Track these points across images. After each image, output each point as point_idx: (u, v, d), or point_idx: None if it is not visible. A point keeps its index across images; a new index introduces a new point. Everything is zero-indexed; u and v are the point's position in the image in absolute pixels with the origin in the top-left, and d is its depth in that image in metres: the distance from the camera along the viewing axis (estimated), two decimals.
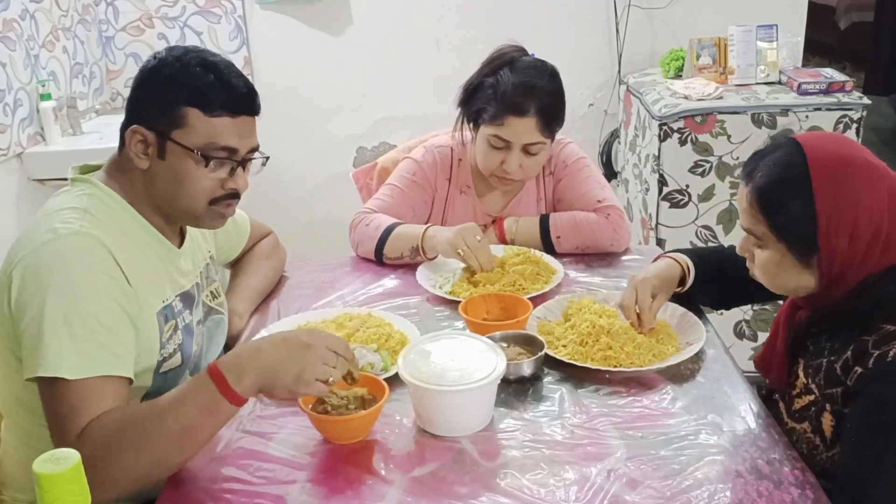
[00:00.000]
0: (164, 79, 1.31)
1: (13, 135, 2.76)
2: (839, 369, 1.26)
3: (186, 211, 1.38)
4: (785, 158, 1.29)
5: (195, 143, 1.31)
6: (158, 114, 1.31)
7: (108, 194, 1.35)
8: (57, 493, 0.87)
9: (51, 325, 1.18)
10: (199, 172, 1.33)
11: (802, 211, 1.25)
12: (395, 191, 2.04)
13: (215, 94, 1.31)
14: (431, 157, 2.06)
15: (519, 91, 1.86)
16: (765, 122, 2.74)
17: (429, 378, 1.27)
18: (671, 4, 3.33)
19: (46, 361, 1.17)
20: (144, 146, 1.33)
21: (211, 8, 3.38)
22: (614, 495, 1.14)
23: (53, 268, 1.22)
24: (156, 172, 1.34)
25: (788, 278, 1.33)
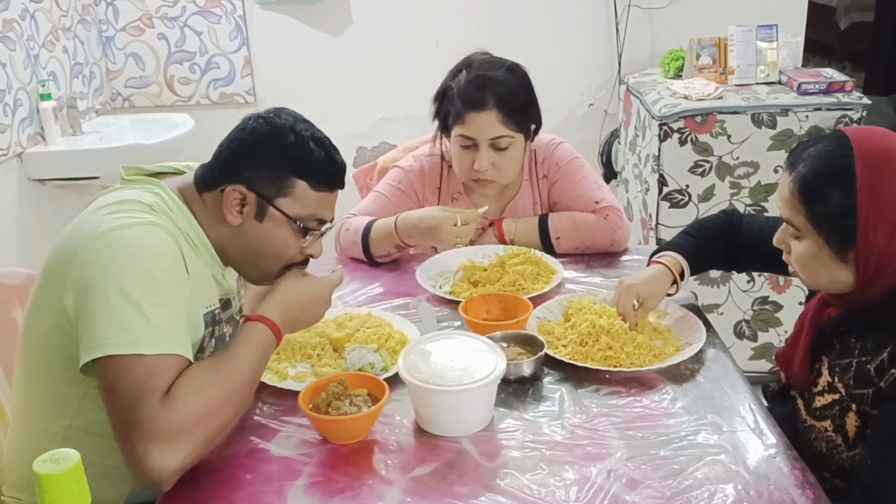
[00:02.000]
0: (278, 147, 1.34)
1: (13, 135, 2.76)
2: (873, 370, 1.24)
3: (262, 269, 1.41)
4: (830, 149, 1.27)
5: (297, 214, 1.36)
6: (265, 179, 1.33)
7: (174, 200, 1.35)
8: (57, 493, 0.87)
9: (123, 305, 1.18)
10: (293, 240, 1.38)
11: (843, 203, 1.24)
12: (380, 197, 2.04)
13: (323, 171, 1.36)
14: (419, 165, 2.06)
15: (473, 86, 1.87)
16: (765, 122, 2.74)
17: (429, 378, 1.27)
18: (671, 4, 3.33)
19: (121, 340, 1.17)
20: (241, 205, 1.34)
21: (211, 8, 3.38)
22: (614, 495, 1.14)
23: (124, 252, 1.22)
24: (247, 231, 1.36)
25: (824, 272, 1.31)
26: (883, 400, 1.23)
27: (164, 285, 1.23)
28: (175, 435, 1.14)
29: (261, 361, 1.29)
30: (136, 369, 1.16)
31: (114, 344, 1.17)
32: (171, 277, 1.25)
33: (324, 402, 1.30)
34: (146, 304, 1.19)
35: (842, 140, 1.27)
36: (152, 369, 1.17)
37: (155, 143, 2.88)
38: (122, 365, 1.17)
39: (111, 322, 1.18)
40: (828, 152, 1.27)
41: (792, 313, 2.82)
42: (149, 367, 1.16)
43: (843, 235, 1.25)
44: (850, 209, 1.23)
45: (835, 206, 1.24)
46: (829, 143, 1.28)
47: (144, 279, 1.21)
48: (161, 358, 1.18)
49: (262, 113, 1.38)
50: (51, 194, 2.95)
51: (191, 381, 1.19)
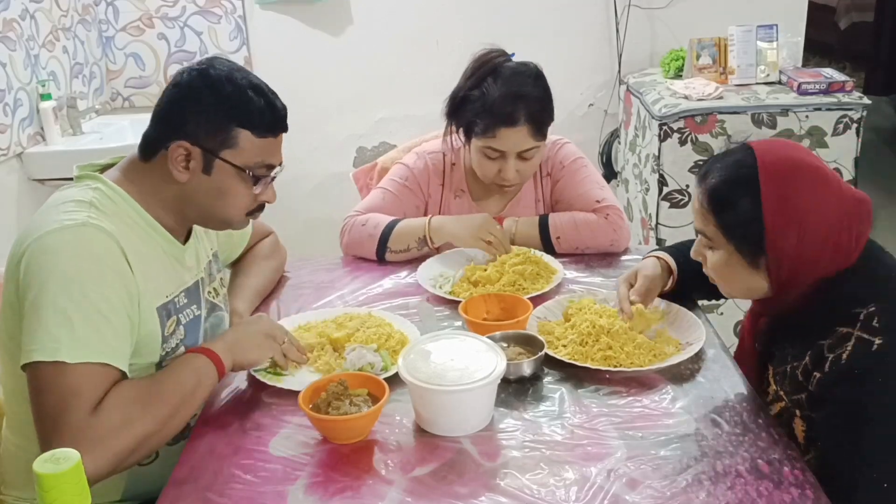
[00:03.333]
0: (216, 99, 1.33)
1: (13, 135, 2.76)
2: (801, 375, 1.29)
3: (223, 220, 1.43)
4: (736, 160, 1.32)
5: (245, 163, 1.36)
6: (208, 132, 1.34)
7: (114, 190, 1.35)
8: (57, 493, 0.87)
9: (51, 311, 1.19)
10: (244, 189, 1.39)
11: (749, 211, 1.28)
12: (387, 194, 2.04)
13: (265, 118, 1.36)
14: (423, 163, 2.06)
15: (507, 101, 1.85)
16: (765, 122, 2.74)
17: (429, 378, 1.27)
18: (671, 4, 3.33)
19: (44, 345, 1.18)
20: (186, 160, 1.34)
21: (211, 8, 3.38)
22: (614, 495, 1.14)
23: (57, 255, 1.23)
24: (195, 186, 1.36)
25: (739, 280, 1.36)
26: (816, 403, 1.27)
27: (91, 290, 1.22)
28: (100, 445, 1.15)
29: (194, 388, 1.29)
30: (62, 378, 1.17)
31: (38, 350, 1.18)
32: (100, 283, 1.24)
33: (324, 402, 1.30)
34: (72, 311, 1.20)
35: (747, 152, 1.32)
36: (78, 379, 1.17)
37: None
38: (48, 372, 1.17)
39: (37, 328, 1.19)
40: (734, 163, 1.32)
41: None
42: (74, 377, 1.17)
43: (752, 242, 1.30)
44: (756, 216, 1.28)
45: (742, 214, 1.29)
46: (736, 155, 1.33)
47: (71, 286, 1.21)
48: (85, 367, 1.18)
49: (195, 65, 1.37)
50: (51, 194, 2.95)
51: (119, 396, 1.20)
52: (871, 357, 1.22)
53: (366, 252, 1.97)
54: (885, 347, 1.22)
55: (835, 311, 1.28)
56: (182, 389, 1.27)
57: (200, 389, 1.31)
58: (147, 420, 1.21)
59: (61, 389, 1.16)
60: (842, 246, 1.28)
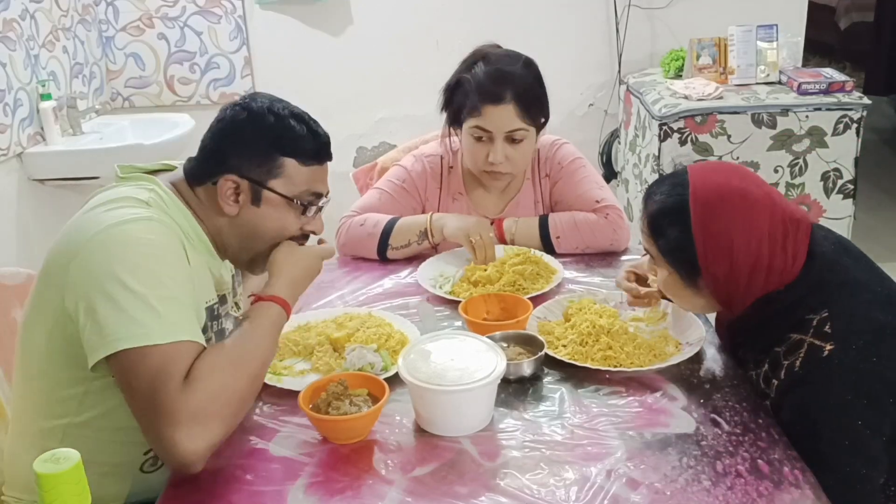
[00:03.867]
0: (259, 130, 1.35)
1: (13, 135, 2.76)
2: (762, 382, 1.32)
3: (260, 253, 1.42)
4: (670, 187, 1.37)
5: (292, 192, 1.37)
6: (254, 164, 1.35)
7: (169, 196, 1.36)
8: (57, 492, 0.87)
9: (131, 299, 1.18)
10: (293, 218, 1.40)
11: (679, 239, 1.34)
12: (383, 195, 2.04)
13: (309, 145, 1.38)
14: (420, 165, 2.06)
15: (492, 79, 1.88)
16: (765, 122, 2.74)
17: (429, 378, 1.27)
18: (671, 4, 3.33)
19: (130, 333, 1.17)
20: (236, 193, 1.35)
21: (211, 8, 3.38)
22: (614, 495, 1.14)
23: (124, 246, 1.22)
24: (246, 218, 1.37)
25: (684, 297, 1.41)
26: (777, 410, 1.30)
27: (165, 277, 1.23)
28: (199, 417, 1.15)
29: (275, 338, 1.32)
30: (151, 359, 1.16)
31: (124, 339, 1.17)
32: (172, 269, 1.25)
33: (324, 402, 1.30)
34: (151, 296, 1.19)
35: (681, 178, 1.36)
36: (166, 357, 1.17)
37: (155, 143, 2.88)
38: (135, 357, 1.17)
39: (118, 317, 1.18)
40: (668, 190, 1.37)
41: None
42: (163, 356, 1.17)
43: (687, 265, 1.35)
44: (687, 244, 1.33)
45: (675, 241, 1.35)
46: (672, 180, 1.38)
47: (145, 272, 1.21)
48: (174, 346, 1.18)
49: (238, 100, 1.39)
50: (51, 194, 2.96)
51: (209, 364, 1.20)
52: (820, 362, 1.25)
53: (365, 251, 1.97)
54: (834, 352, 1.25)
55: (788, 319, 1.31)
56: (264, 342, 1.29)
57: (278, 336, 1.34)
58: (240, 379, 1.21)
59: (152, 371, 1.16)
60: (776, 267, 1.31)
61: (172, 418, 1.13)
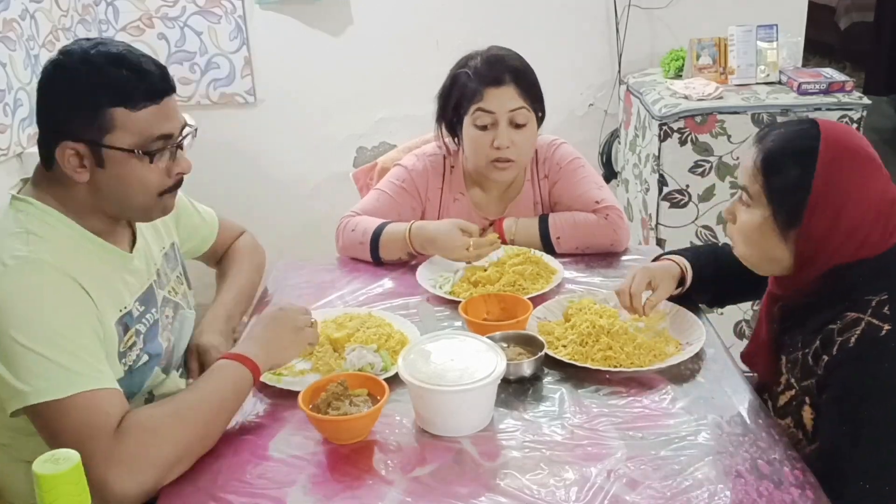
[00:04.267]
0: (78, 86, 1.24)
1: (13, 135, 2.76)
2: (811, 359, 1.29)
3: (139, 208, 1.35)
4: (799, 131, 1.33)
5: (132, 143, 1.26)
6: (83, 124, 1.25)
7: (46, 212, 1.29)
8: (57, 493, 0.87)
9: (25, 355, 1.16)
10: (145, 169, 1.29)
11: (799, 180, 1.29)
12: (383, 196, 2.03)
13: (134, 88, 1.25)
14: (422, 164, 2.06)
15: (489, 64, 1.92)
16: (765, 122, 2.73)
17: (429, 378, 1.27)
18: (671, 4, 3.33)
19: (35, 388, 1.15)
20: (79, 160, 1.26)
21: (211, 8, 3.38)
22: (614, 495, 1.14)
23: (11, 300, 1.19)
24: (98, 182, 1.29)
25: (763, 246, 1.36)
26: (823, 387, 1.27)
27: (56, 323, 1.20)
28: (132, 462, 1.14)
29: (229, 394, 1.28)
30: (70, 413, 1.15)
31: (31, 393, 1.16)
32: (62, 311, 1.21)
33: (324, 402, 1.30)
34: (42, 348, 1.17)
35: (812, 125, 1.33)
36: (86, 409, 1.16)
37: None
38: (53, 412, 1.16)
39: (18, 373, 1.16)
40: (796, 132, 1.33)
41: None
42: (81, 409, 1.15)
43: (791, 212, 1.31)
44: (804, 187, 1.29)
45: (791, 181, 1.30)
46: (800, 125, 1.35)
47: (34, 326, 1.18)
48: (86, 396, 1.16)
49: (54, 56, 1.28)
50: None
51: (147, 412, 1.19)
52: (877, 342, 1.23)
53: (361, 256, 1.97)
54: (891, 333, 1.23)
55: (847, 297, 1.28)
56: (218, 398, 1.25)
57: (237, 396, 1.29)
58: (182, 431, 1.19)
59: (76, 424, 1.15)
60: (869, 240, 1.29)
61: (105, 463, 1.13)
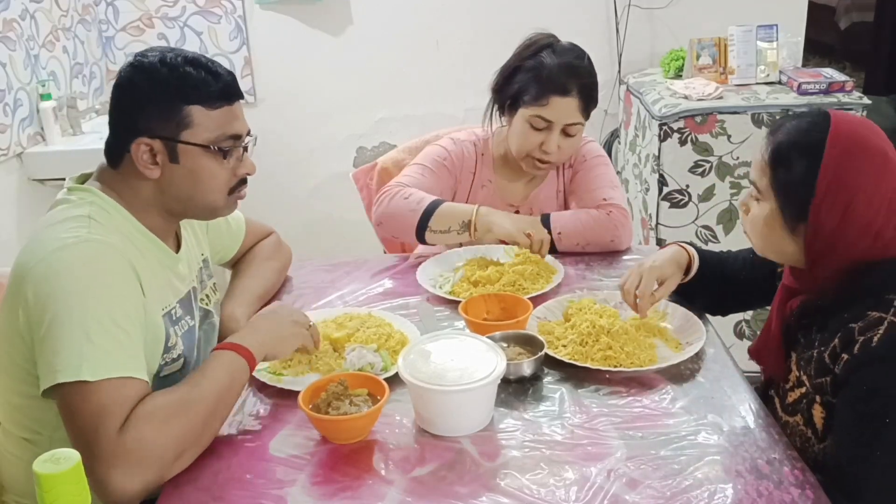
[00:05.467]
0: (157, 85, 1.31)
1: (13, 135, 2.76)
2: (827, 358, 1.27)
3: (207, 206, 1.40)
4: (809, 123, 1.32)
5: (207, 139, 1.33)
6: (160, 121, 1.31)
7: (106, 202, 1.34)
8: (57, 493, 0.87)
9: (67, 331, 1.18)
10: (217, 165, 1.36)
11: (804, 174, 1.28)
12: (426, 171, 2.05)
13: (211, 88, 1.33)
14: (459, 149, 2.09)
15: (563, 71, 1.91)
16: (765, 122, 2.73)
17: (429, 378, 1.27)
18: (671, 4, 3.33)
19: (66, 366, 1.16)
20: (152, 156, 1.33)
21: (211, 8, 3.38)
22: (614, 495, 1.14)
23: (65, 275, 1.21)
24: (170, 177, 1.35)
25: (774, 239, 1.36)
26: (839, 386, 1.25)
27: (104, 304, 1.21)
28: (134, 459, 1.14)
29: (228, 385, 1.27)
30: (89, 397, 1.16)
31: (61, 371, 1.16)
32: (113, 293, 1.23)
33: (324, 402, 1.30)
34: (87, 327, 1.18)
35: (823, 118, 1.31)
36: (105, 396, 1.16)
37: None
38: (74, 393, 1.16)
39: (59, 350, 1.17)
40: (806, 125, 1.32)
41: None
42: (101, 394, 1.16)
43: (797, 206, 1.30)
44: (810, 181, 1.27)
45: (796, 175, 1.29)
46: (811, 118, 1.33)
47: (86, 302, 1.20)
48: (111, 383, 1.17)
49: (130, 60, 1.35)
50: (51, 194, 2.93)
51: (151, 407, 1.18)
52: None
53: (403, 227, 1.95)
54: None
55: (869, 296, 1.27)
56: (217, 389, 1.25)
57: (235, 387, 1.29)
58: (184, 425, 1.19)
59: (89, 410, 1.15)
60: (883, 236, 1.27)
61: (108, 460, 1.13)
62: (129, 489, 1.13)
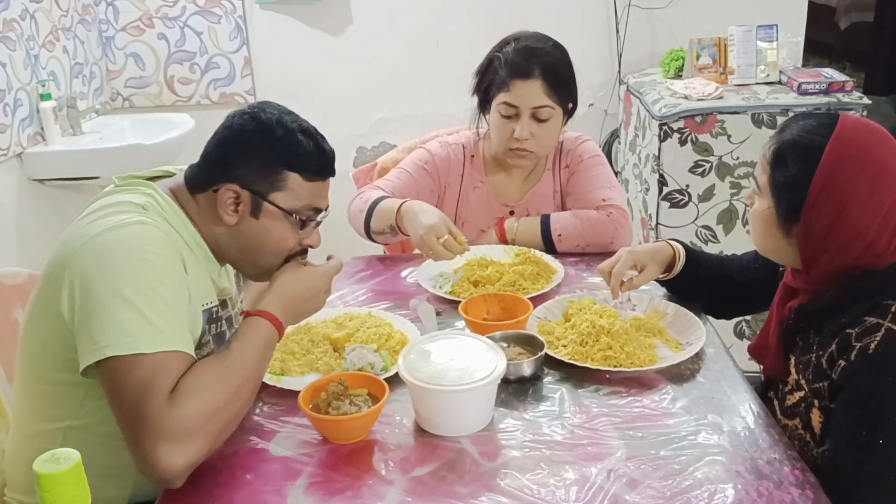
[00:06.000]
0: (267, 142, 1.33)
1: (13, 135, 2.76)
2: (825, 363, 1.27)
3: (262, 266, 1.41)
4: (814, 125, 1.31)
5: (293, 207, 1.36)
6: (257, 176, 1.33)
7: (166, 200, 1.35)
8: (57, 492, 0.87)
9: (121, 306, 1.18)
10: (290, 232, 1.38)
11: (798, 177, 1.29)
12: (404, 174, 2.06)
13: (314, 161, 1.37)
14: (445, 152, 2.09)
15: (521, 55, 1.93)
16: (765, 122, 2.74)
17: (429, 378, 1.27)
18: (671, 4, 3.33)
19: (118, 341, 1.17)
20: (236, 203, 1.34)
21: (211, 8, 3.38)
22: (614, 495, 1.14)
23: (119, 251, 1.22)
24: (243, 229, 1.36)
25: (770, 237, 1.37)
26: (836, 391, 1.25)
27: (157, 283, 1.22)
28: (182, 433, 1.14)
29: (263, 355, 1.29)
30: (138, 369, 1.16)
31: (112, 346, 1.17)
32: (165, 275, 1.24)
33: (324, 402, 1.30)
34: (141, 302, 1.19)
35: (830, 120, 1.30)
36: (154, 368, 1.16)
37: (155, 143, 2.88)
38: (123, 366, 1.16)
39: (108, 324, 1.18)
40: (812, 127, 1.31)
41: None
42: (151, 366, 1.16)
43: (790, 207, 1.31)
44: (803, 185, 1.28)
45: (791, 177, 1.30)
46: (819, 119, 1.33)
47: (137, 278, 1.21)
48: (162, 356, 1.18)
49: (248, 109, 1.38)
50: (51, 194, 2.96)
51: (195, 379, 1.19)
52: None
53: (358, 228, 1.99)
54: None
55: (867, 302, 1.27)
56: (253, 358, 1.26)
57: (268, 353, 1.31)
58: (226, 396, 1.20)
59: (139, 381, 1.15)
60: (876, 247, 1.27)
61: (156, 433, 1.13)
62: (178, 464, 1.14)
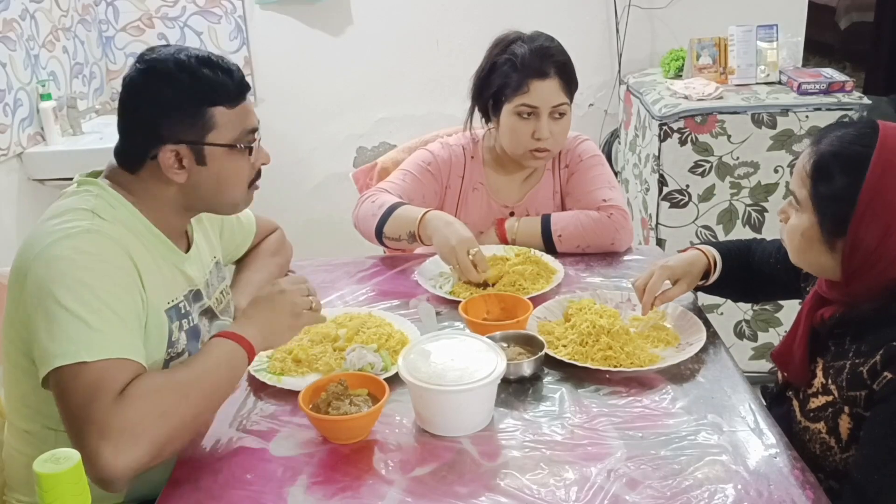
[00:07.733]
0: (179, 92, 1.31)
1: (13, 135, 2.76)
2: (866, 373, 1.23)
3: (231, 202, 1.42)
4: (855, 135, 1.26)
5: (232, 138, 1.35)
6: (185, 126, 1.31)
7: (114, 196, 1.34)
8: (57, 493, 0.87)
9: (64, 317, 1.18)
10: (242, 162, 1.38)
11: (846, 189, 1.23)
12: (408, 176, 2.05)
13: (229, 88, 1.34)
14: (447, 153, 2.09)
15: (537, 55, 1.93)
16: (765, 122, 2.74)
17: (429, 378, 1.27)
18: (671, 4, 3.33)
19: (64, 351, 1.17)
20: (178, 161, 1.33)
21: (211, 8, 3.38)
22: (614, 495, 1.14)
23: (64, 262, 1.22)
24: (197, 180, 1.35)
25: (811, 252, 1.31)
26: (875, 402, 1.23)
27: (103, 292, 1.21)
28: (127, 433, 1.12)
29: (225, 374, 1.27)
30: (83, 375, 1.16)
31: (59, 356, 1.17)
32: (110, 283, 1.24)
33: (324, 402, 1.30)
34: (85, 312, 1.19)
35: (872, 131, 1.25)
36: (100, 373, 1.16)
37: None
38: (69, 374, 1.16)
39: (56, 334, 1.18)
40: (852, 137, 1.26)
41: (791, 314, 2.81)
42: (97, 372, 1.16)
43: (836, 221, 1.25)
44: (850, 197, 1.22)
45: (837, 190, 1.24)
46: (858, 129, 1.27)
47: (82, 289, 1.20)
48: (107, 363, 1.17)
49: (140, 65, 1.33)
50: (51, 194, 2.95)
51: (145, 384, 1.18)
52: None
53: (368, 232, 1.98)
54: None
55: None
56: (213, 376, 1.25)
57: (233, 377, 1.29)
58: (180, 407, 1.19)
59: (84, 386, 1.15)
60: None
61: (100, 432, 1.12)
62: (119, 465, 1.11)
